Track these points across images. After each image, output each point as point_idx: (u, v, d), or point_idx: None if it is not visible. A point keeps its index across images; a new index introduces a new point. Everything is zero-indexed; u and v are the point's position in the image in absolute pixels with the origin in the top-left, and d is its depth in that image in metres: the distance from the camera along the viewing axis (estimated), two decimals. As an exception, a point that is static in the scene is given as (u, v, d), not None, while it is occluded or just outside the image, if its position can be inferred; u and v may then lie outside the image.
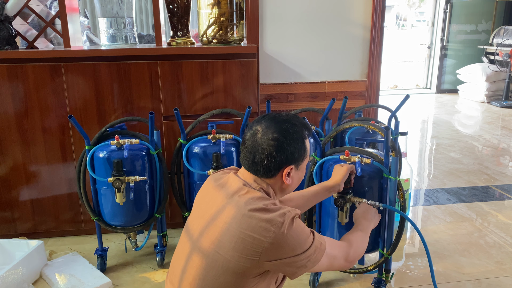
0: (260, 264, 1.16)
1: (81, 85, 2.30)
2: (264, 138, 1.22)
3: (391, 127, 2.29)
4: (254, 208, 1.16)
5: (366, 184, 1.74)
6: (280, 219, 1.15)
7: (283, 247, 1.15)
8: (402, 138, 2.64)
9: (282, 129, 1.23)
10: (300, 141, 1.25)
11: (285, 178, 1.26)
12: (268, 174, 1.25)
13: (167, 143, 2.43)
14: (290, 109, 2.73)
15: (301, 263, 1.19)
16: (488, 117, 5.72)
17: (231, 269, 1.16)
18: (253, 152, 1.23)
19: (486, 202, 3.00)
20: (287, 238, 1.15)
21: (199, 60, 2.35)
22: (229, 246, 1.15)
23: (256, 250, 1.14)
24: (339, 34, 2.73)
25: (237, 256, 1.15)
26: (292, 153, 1.23)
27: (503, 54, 6.43)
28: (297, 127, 1.25)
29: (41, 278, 2.11)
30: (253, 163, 1.24)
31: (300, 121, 1.29)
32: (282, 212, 1.17)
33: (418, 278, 2.11)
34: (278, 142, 1.21)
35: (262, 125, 1.24)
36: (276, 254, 1.15)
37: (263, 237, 1.13)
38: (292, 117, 1.29)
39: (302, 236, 1.18)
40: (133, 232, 2.20)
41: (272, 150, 1.21)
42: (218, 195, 1.26)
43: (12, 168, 2.35)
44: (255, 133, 1.24)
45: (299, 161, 1.27)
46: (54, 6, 2.95)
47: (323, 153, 1.88)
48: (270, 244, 1.14)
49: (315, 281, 2.02)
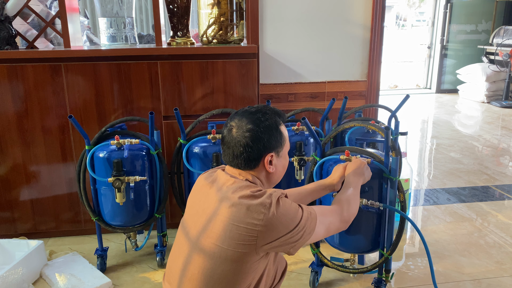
0: (258, 248, 1.19)
1: (81, 85, 2.30)
2: (239, 131, 1.27)
3: (391, 127, 2.29)
4: (242, 195, 1.20)
5: (366, 184, 1.74)
6: (268, 200, 1.20)
7: (276, 226, 1.19)
8: (402, 138, 2.64)
9: (254, 119, 1.27)
10: (274, 127, 1.29)
11: (267, 166, 1.30)
12: (250, 165, 1.29)
13: (167, 143, 2.43)
14: (290, 109, 2.73)
15: (297, 236, 1.23)
16: (488, 117, 5.72)
17: (229, 258, 1.19)
18: (231, 147, 1.28)
19: (486, 202, 3.00)
20: (279, 216, 1.19)
21: (199, 60, 2.35)
22: (225, 235, 1.19)
23: (251, 235, 1.18)
24: (339, 34, 2.73)
25: (234, 244, 1.18)
26: (268, 140, 1.27)
27: (503, 54, 6.43)
28: (268, 115, 1.30)
29: (41, 278, 2.11)
30: (234, 157, 1.29)
31: (272, 110, 1.33)
32: (268, 193, 1.22)
33: (418, 278, 2.11)
34: (252, 132, 1.26)
35: (236, 120, 1.29)
36: (271, 235, 1.19)
37: (256, 221, 1.17)
38: (263, 107, 1.33)
39: (291, 211, 1.23)
40: (133, 232, 2.20)
41: (248, 141, 1.26)
42: (210, 192, 1.29)
43: (12, 168, 2.35)
44: (230, 129, 1.29)
45: (278, 148, 1.31)
46: (54, 6, 2.95)
47: (323, 153, 1.87)
48: (263, 227, 1.18)
49: (315, 281, 2.02)
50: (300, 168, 2.20)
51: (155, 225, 2.46)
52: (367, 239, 1.82)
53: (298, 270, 2.18)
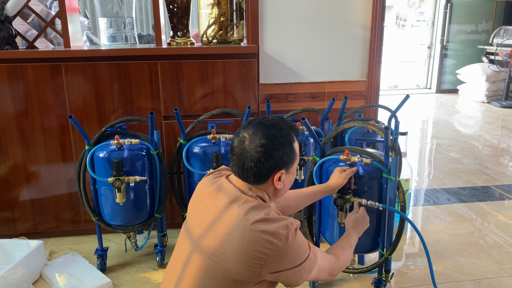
0: (261, 275, 1.17)
1: (81, 85, 2.30)
2: (251, 145, 1.21)
3: (391, 127, 2.29)
4: (256, 219, 1.16)
5: (366, 184, 1.74)
6: (284, 232, 1.15)
7: (284, 259, 1.17)
8: (402, 138, 2.64)
9: (269, 134, 1.21)
10: (288, 145, 1.24)
11: (276, 183, 1.25)
12: (259, 181, 1.24)
13: (167, 143, 2.43)
14: (290, 109, 2.73)
15: (299, 274, 1.20)
16: (488, 117, 5.72)
17: (231, 279, 1.17)
18: (242, 160, 1.22)
19: (486, 202, 3.00)
20: (289, 250, 1.17)
21: (199, 60, 2.35)
22: (231, 257, 1.15)
23: (258, 262, 1.15)
24: (339, 34, 2.73)
25: (239, 267, 1.15)
26: (281, 158, 1.22)
27: (503, 54, 6.43)
28: (284, 131, 1.24)
29: (41, 278, 2.11)
30: (243, 170, 1.23)
31: (287, 124, 1.27)
32: (284, 224, 1.17)
33: (418, 278, 2.11)
34: (266, 148, 1.20)
35: (249, 131, 1.23)
36: (277, 266, 1.16)
37: (267, 249, 1.14)
38: (279, 120, 1.27)
39: (302, 248, 1.20)
40: (133, 232, 2.20)
41: (260, 156, 1.20)
42: (214, 203, 1.25)
43: (12, 168, 2.35)
44: (242, 140, 1.23)
45: (288, 165, 1.26)
46: (54, 6, 2.95)
47: (323, 153, 1.87)
48: (272, 257, 1.15)
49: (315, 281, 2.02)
50: (300, 168, 2.20)
51: (155, 225, 2.46)
52: (367, 239, 1.82)
53: (298, 270, 2.18)
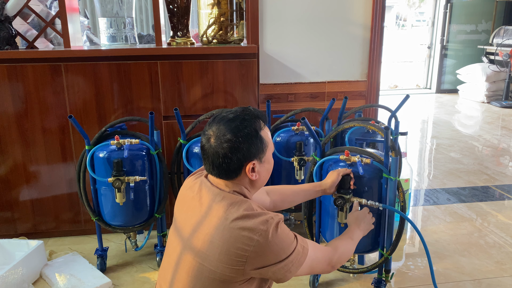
0: (246, 272, 1.16)
1: (81, 85, 2.30)
2: (217, 141, 1.20)
3: (391, 127, 2.29)
4: (235, 217, 1.15)
5: (366, 184, 1.74)
6: (263, 227, 1.14)
7: (266, 254, 1.15)
8: (402, 138, 2.64)
9: (232, 128, 1.20)
10: (253, 135, 1.21)
11: (249, 174, 1.23)
12: (232, 176, 1.23)
13: (167, 143, 2.43)
14: (290, 109, 2.73)
15: (286, 268, 1.18)
16: (488, 117, 5.72)
17: (217, 279, 1.16)
18: (211, 157, 1.22)
19: (486, 202, 3.00)
20: (271, 245, 1.15)
21: (199, 60, 2.35)
22: (213, 257, 1.15)
23: (240, 260, 1.14)
24: (339, 34, 2.73)
25: (222, 266, 1.15)
26: (247, 149, 1.20)
27: (503, 54, 6.43)
28: (247, 121, 1.22)
29: (41, 278, 2.11)
30: (214, 168, 1.23)
31: (252, 114, 1.25)
32: (264, 219, 1.16)
33: (418, 278, 2.11)
34: (231, 143, 1.19)
35: (213, 128, 1.22)
36: (260, 262, 1.15)
37: (247, 246, 1.13)
38: (242, 111, 1.25)
39: (285, 242, 1.18)
40: (133, 232, 2.20)
41: (226, 152, 1.19)
42: (197, 204, 1.25)
43: (12, 168, 2.35)
44: (208, 138, 1.22)
45: (259, 154, 1.24)
46: (54, 6, 2.95)
47: (323, 153, 1.87)
48: (253, 253, 1.13)
49: (315, 281, 2.02)
50: (300, 168, 2.20)
51: (155, 225, 2.46)
52: (367, 239, 1.82)
53: (298, 270, 2.18)
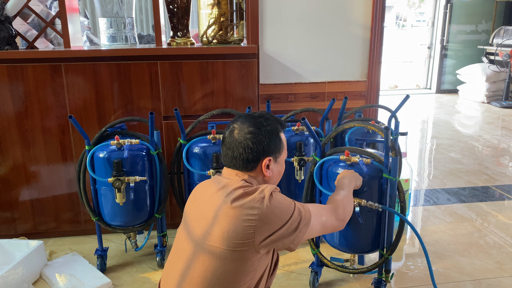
0: (257, 245, 1.21)
1: (81, 85, 2.30)
2: (241, 133, 1.31)
3: (391, 127, 2.29)
4: (235, 197, 1.23)
5: (366, 184, 1.74)
6: (260, 195, 1.23)
7: (271, 219, 1.22)
8: (402, 138, 2.64)
9: (256, 122, 1.32)
10: (274, 133, 1.34)
11: (264, 170, 1.33)
12: (248, 167, 1.32)
13: (167, 143, 2.43)
14: (290, 109, 2.73)
15: (293, 227, 1.25)
16: (488, 117, 5.72)
17: (230, 258, 1.21)
18: (232, 148, 1.32)
19: (486, 202, 3.00)
20: (272, 209, 1.22)
21: (199, 60, 2.35)
22: (223, 237, 1.21)
23: (248, 232, 1.20)
24: (339, 34, 2.73)
25: (233, 244, 1.20)
26: (268, 144, 1.31)
27: (503, 54, 6.43)
28: (270, 121, 1.35)
29: (41, 278, 2.11)
30: (233, 158, 1.32)
31: (274, 117, 1.38)
32: (260, 189, 1.25)
33: (418, 278, 2.11)
34: (254, 134, 1.30)
35: (238, 123, 1.34)
36: (267, 228, 1.22)
37: (252, 216, 1.20)
38: (265, 113, 1.39)
39: (284, 203, 1.27)
40: (133, 232, 2.20)
41: (248, 142, 1.30)
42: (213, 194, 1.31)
43: (12, 168, 2.35)
44: (232, 130, 1.33)
45: (276, 153, 1.35)
46: (54, 6, 2.95)
47: (323, 153, 1.87)
48: (259, 221, 1.21)
49: (315, 281, 2.02)
50: (300, 168, 2.20)
51: (155, 225, 2.46)
52: (367, 239, 1.82)
53: (298, 270, 2.18)
